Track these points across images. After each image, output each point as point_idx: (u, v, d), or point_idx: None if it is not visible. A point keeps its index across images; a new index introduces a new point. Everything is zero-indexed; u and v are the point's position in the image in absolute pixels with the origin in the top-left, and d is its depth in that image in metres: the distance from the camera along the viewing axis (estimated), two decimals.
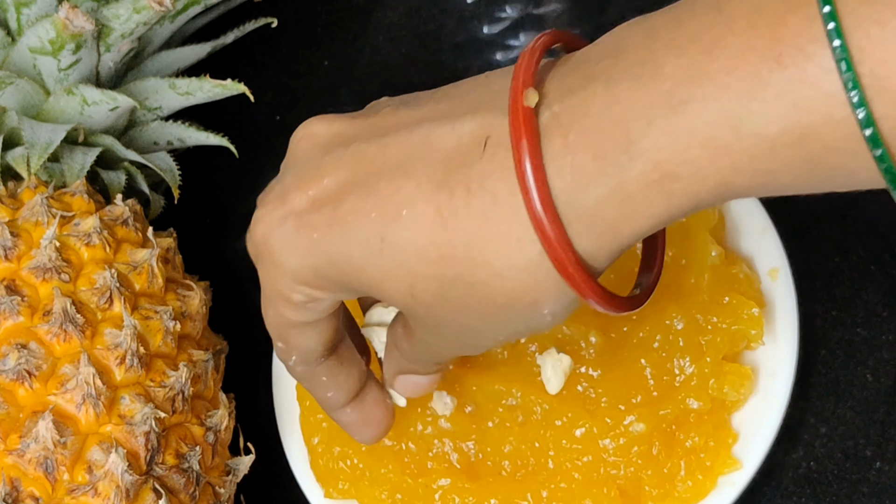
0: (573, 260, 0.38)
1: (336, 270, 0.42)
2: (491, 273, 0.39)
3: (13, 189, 0.59)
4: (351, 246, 0.41)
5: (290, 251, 0.43)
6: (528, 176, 0.37)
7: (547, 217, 0.37)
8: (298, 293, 0.44)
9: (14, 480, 0.50)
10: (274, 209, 0.43)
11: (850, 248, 0.60)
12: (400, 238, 0.40)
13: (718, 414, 0.55)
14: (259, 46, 0.71)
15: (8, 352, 0.52)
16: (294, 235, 0.42)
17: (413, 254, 0.40)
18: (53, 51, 0.57)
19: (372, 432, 0.52)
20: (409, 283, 0.41)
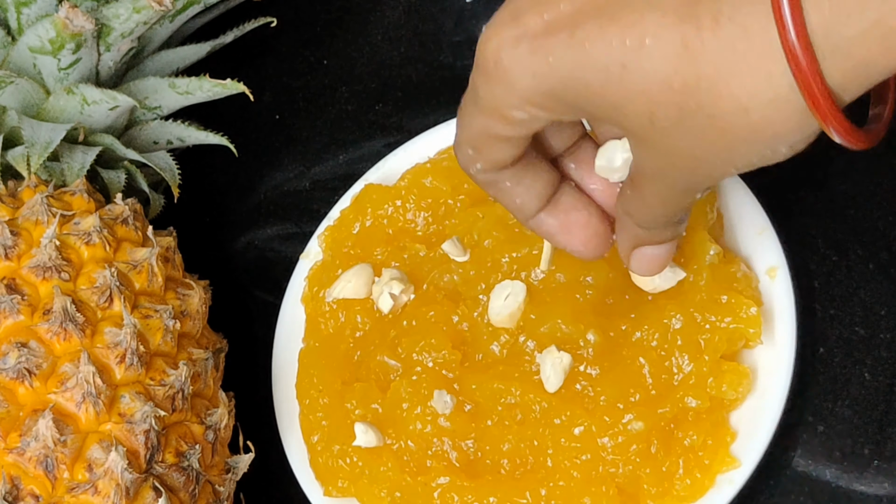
0: (826, 95, 0.38)
1: (571, 93, 0.42)
2: (736, 105, 0.39)
3: (13, 188, 0.59)
4: (589, 72, 0.41)
5: (524, 72, 0.43)
6: (784, 9, 0.37)
7: (803, 52, 0.37)
8: (522, 112, 0.44)
9: (14, 479, 0.50)
10: (507, 28, 0.43)
11: (848, 247, 0.60)
12: (642, 66, 0.40)
13: (717, 412, 0.55)
14: (259, 46, 0.71)
15: (8, 350, 0.52)
16: (529, 57, 0.42)
17: (655, 82, 0.40)
18: (53, 50, 0.57)
19: (580, 237, 0.50)
20: (649, 110, 0.41)
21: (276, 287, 0.65)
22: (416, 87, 0.72)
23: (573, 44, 0.41)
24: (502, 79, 0.44)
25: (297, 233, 0.69)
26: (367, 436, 0.56)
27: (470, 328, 0.58)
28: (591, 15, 0.41)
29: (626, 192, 0.47)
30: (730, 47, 0.38)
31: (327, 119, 0.72)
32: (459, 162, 0.48)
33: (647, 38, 0.40)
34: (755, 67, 0.38)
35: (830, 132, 0.40)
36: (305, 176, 0.71)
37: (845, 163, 0.61)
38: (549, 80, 0.42)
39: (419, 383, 0.56)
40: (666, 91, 0.40)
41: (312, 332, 0.62)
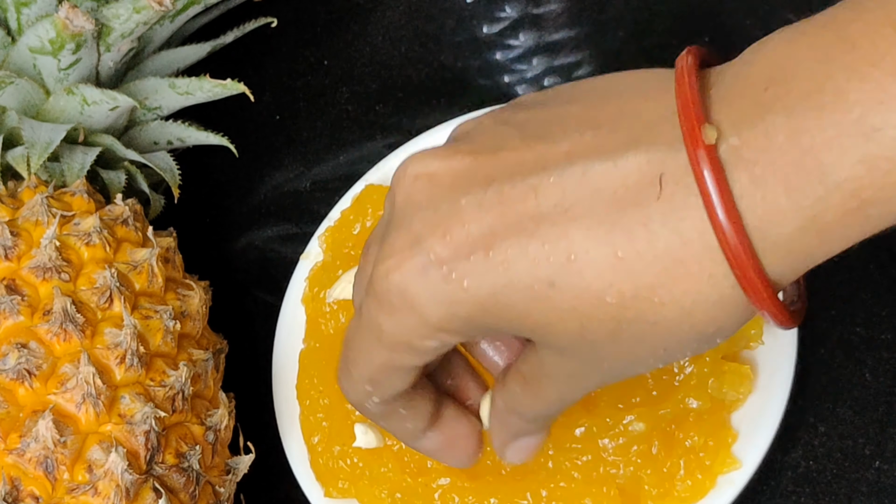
0: (768, 290, 0.38)
1: (491, 317, 0.41)
2: (678, 310, 0.38)
3: (13, 189, 0.59)
4: (511, 293, 0.40)
5: (437, 302, 0.41)
6: (719, 215, 0.37)
7: (745, 254, 0.37)
8: (435, 341, 0.42)
9: (14, 480, 0.50)
10: (409, 258, 0.41)
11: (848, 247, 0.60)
12: (572, 283, 0.39)
13: (718, 413, 0.55)
14: (259, 46, 0.71)
15: (8, 351, 0.52)
16: (441, 285, 0.40)
17: (588, 298, 0.39)
18: (53, 50, 0.57)
19: (462, 450, 0.50)
20: (581, 325, 0.40)
21: (276, 288, 0.65)
22: (417, 87, 0.72)
23: (491, 266, 0.40)
24: (412, 311, 0.41)
25: (298, 233, 0.69)
26: (367, 436, 0.56)
27: None
28: (506, 234, 0.40)
29: (515, 390, 0.46)
30: (666, 254, 0.38)
31: (327, 119, 0.72)
32: (350, 398, 0.47)
33: (572, 253, 0.39)
34: (695, 272, 0.38)
35: (768, 319, 0.39)
36: (306, 176, 0.71)
37: None
38: (466, 307, 0.41)
39: None
40: (600, 305, 0.39)
41: (313, 333, 0.62)
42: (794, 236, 0.37)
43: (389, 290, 0.42)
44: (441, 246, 0.40)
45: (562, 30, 0.71)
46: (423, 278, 0.41)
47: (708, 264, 0.38)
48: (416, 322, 0.42)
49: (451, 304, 0.41)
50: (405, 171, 0.43)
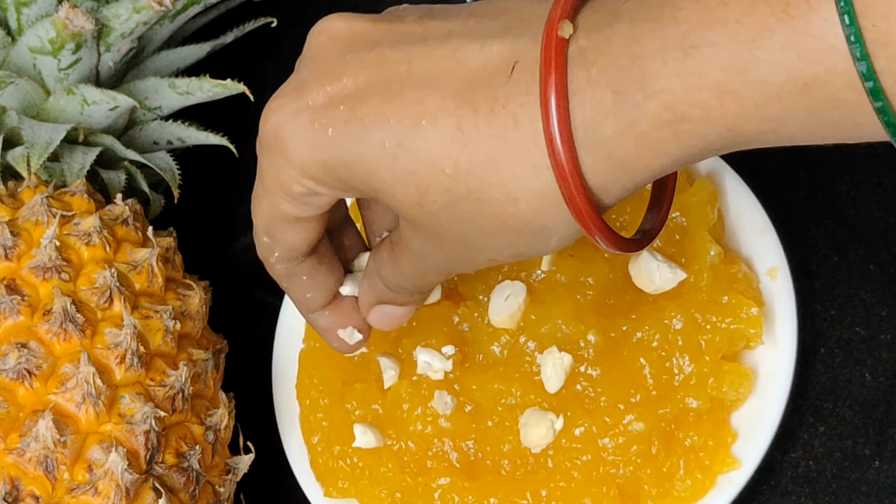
0: (582, 192, 0.39)
1: (346, 169, 0.43)
2: (504, 193, 0.40)
3: (13, 188, 0.59)
4: (365, 147, 0.42)
5: (302, 143, 0.43)
6: (551, 106, 0.38)
7: (563, 147, 0.38)
8: (301, 185, 0.44)
9: (14, 479, 0.50)
10: (289, 101, 0.44)
11: (848, 247, 0.60)
12: (417, 146, 0.41)
13: (717, 413, 0.55)
14: (259, 46, 0.71)
15: (8, 351, 0.52)
16: (308, 128, 0.43)
17: (427, 163, 0.41)
18: (53, 50, 0.57)
19: (349, 338, 0.52)
20: (420, 192, 0.41)
21: (276, 287, 0.65)
22: None
23: (353, 118, 0.42)
24: (281, 151, 0.44)
25: None
26: (367, 436, 0.56)
27: (470, 329, 0.58)
28: (374, 91, 0.42)
29: (383, 255, 0.48)
30: (501, 135, 0.40)
31: None
32: (259, 252, 0.49)
33: (424, 118, 0.41)
34: (524, 158, 0.39)
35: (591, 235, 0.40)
36: None
37: (845, 163, 0.61)
38: (327, 153, 0.43)
39: (419, 384, 0.56)
40: (437, 174, 0.41)
41: (313, 333, 0.61)
42: (614, 139, 0.38)
43: (267, 130, 0.44)
44: (317, 93, 0.43)
45: None
46: (295, 120, 0.43)
47: (534, 153, 0.39)
48: (284, 162, 0.44)
49: (315, 149, 0.43)
50: (315, 27, 0.46)
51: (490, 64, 0.40)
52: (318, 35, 0.45)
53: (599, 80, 0.38)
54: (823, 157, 0.62)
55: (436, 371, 0.56)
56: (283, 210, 0.46)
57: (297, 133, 0.43)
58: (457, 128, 0.40)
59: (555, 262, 0.56)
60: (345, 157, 0.43)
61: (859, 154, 0.62)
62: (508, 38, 0.41)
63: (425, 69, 0.41)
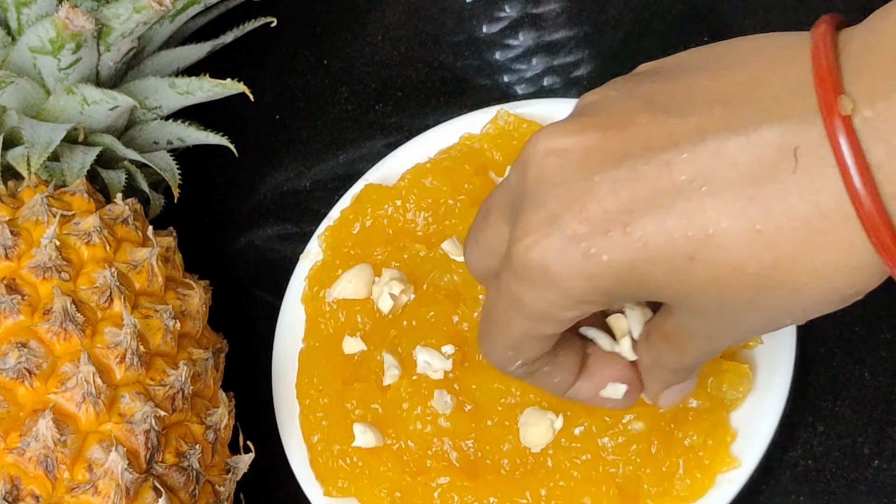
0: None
1: (630, 288, 0.42)
2: (819, 278, 0.39)
3: (13, 188, 0.59)
4: (653, 267, 0.41)
5: (578, 277, 0.42)
6: (857, 185, 0.37)
7: (882, 222, 0.38)
8: (575, 311, 0.43)
9: (14, 479, 0.50)
10: (546, 234, 0.42)
11: None
12: (711, 255, 0.40)
13: (717, 412, 0.55)
14: (259, 46, 0.71)
15: (8, 350, 0.52)
16: (580, 261, 0.41)
17: (728, 270, 0.40)
18: (53, 50, 0.57)
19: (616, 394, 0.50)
20: (721, 294, 0.40)
21: (276, 287, 0.65)
22: (416, 87, 0.72)
23: (630, 242, 0.40)
24: (553, 286, 0.42)
25: (297, 233, 0.69)
26: (366, 436, 0.56)
27: (470, 328, 0.58)
28: (643, 210, 0.40)
29: (659, 348, 0.47)
30: (805, 226, 0.38)
31: (327, 119, 0.72)
32: (493, 363, 0.48)
33: (711, 227, 0.39)
34: (836, 242, 0.39)
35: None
36: (305, 176, 0.71)
37: None
38: (606, 280, 0.41)
39: (419, 383, 0.56)
40: (739, 276, 0.40)
41: (312, 333, 0.62)
42: None
43: (529, 267, 0.42)
44: (578, 223, 0.41)
45: (561, 30, 0.71)
46: (563, 255, 0.41)
47: (846, 234, 0.38)
48: (558, 296, 0.43)
49: (592, 279, 0.42)
50: (535, 147, 0.43)
51: (764, 156, 0.39)
52: (545, 156, 0.43)
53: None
54: None
55: (436, 370, 0.56)
56: (544, 332, 0.45)
57: (569, 267, 0.41)
58: (753, 230, 0.39)
59: None
60: (629, 280, 0.41)
61: None
62: (774, 123, 0.39)
63: (691, 176, 0.40)
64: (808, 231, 0.38)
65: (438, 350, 0.57)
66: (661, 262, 0.40)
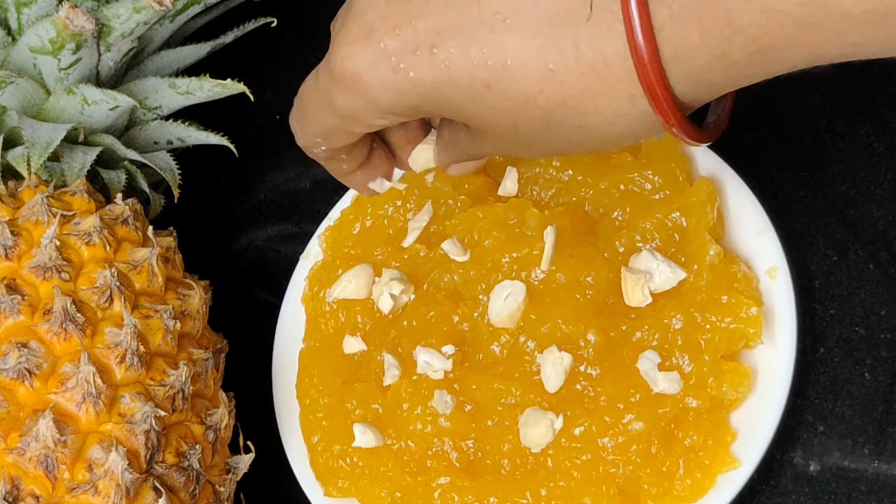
0: (678, 113, 0.42)
1: (432, 106, 0.45)
2: (602, 120, 0.43)
3: (13, 188, 0.59)
4: (452, 88, 0.44)
5: (385, 89, 0.45)
6: (639, 44, 0.40)
7: (657, 81, 0.41)
8: (383, 120, 0.47)
9: (14, 479, 0.50)
10: (362, 46, 0.45)
11: (848, 247, 0.60)
12: (507, 86, 0.43)
13: (717, 412, 0.55)
14: (259, 46, 0.71)
15: (8, 351, 0.52)
16: (390, 75, 0.44)
17: (521, 100, 0.43)
18: (54, 50, 0.57)
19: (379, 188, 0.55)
20: (513, 122, 0.44)
21: (276, 287, 0.65)
22: None
23: (435, 62, 0.44)
24: (363, 95, 0.46)
25: (298, 233, 0.69)
26: (366, 436, 0.56)
27: (470, 328, 0.58)
28: (451, 34, 0.43)
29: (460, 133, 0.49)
30: (592, 71, 0.42)
31: None
32: (299, 142, 0.52)
33: (509, 58, 0.42)
34: (618, 90, 0.42)
35: (681, 136, 0.44)
36: (306, 176, 0.71)
37: (845, 163, 0.61)
38: (412, 96, 0.45)
39: (419, 383, 0.56)
40: (531, 107, 0.43)
41: (313, 333, 0.62)
42: (704, 70, 0.41)
43: (344, 75, 0.46)
44: (391, 38, 0.44)
45: None
46: (374, 67, 0.45)
47: (628, 85, 0.42)
48: (367, 104, 0.46)
49: (399, 93, 0.45)
50: None
51: (566, 1, 0.41)
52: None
53: (683, 17, 0.40)
54: (823, 158, 0.62)
55: (436, 371, 0.56)
56: (350, 129, 0.48)
57: (379, 79, 0.45)
58: (546, 67, 0.42)
59: (554, 261, 0.57)
60: (431, 97, 0.44)
61: (859, 154, 0.62)
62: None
63: (496, 8, 0.42)
64: (594, 77, 0.42)
65: (438, 350, 0.57)
66: (460, 87, 0.44)
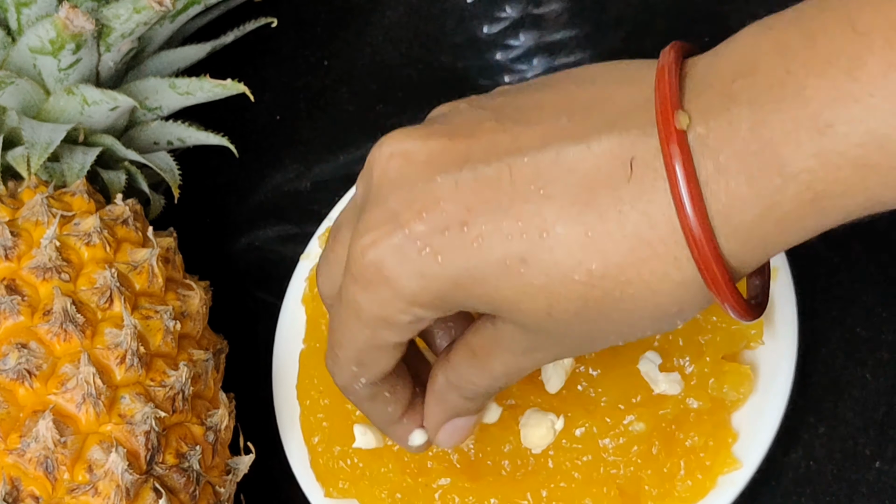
0: (727, 278, 0.39)
1: (462, 292, 0.42)
2: (645, 289, 0.40)
3: (13, 189, 0.59)
4: (483, 268, 0.41)
5: (410, 276, 0.42)
6: (685, 200, 0.38)
7: (705, 239, 0.38)
8: (410, 315, 0.43)
9: (14, 480, 0.50)
10: (385, 234, 0.42)
11: (849, 247, 0.60)
12: (543, 260, 0.40)
13: (718, 413, 0.55)
14: (259, 46, 0.71)
15: (8, 351, 0.52)
16: (416, 259, 0.42)
17: (557, 275, 0.40)
18: (53, 51, 0.57)
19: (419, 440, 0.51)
20: (550, 303, 0.41)
21: (276, 288, 0.65)
22: (417, 87, 0.72)
23: (465, 241, 0.41)
24: (386, 285, 0.42)
25: (298, 233, 0.69)
26: (366, 437, 0.56)
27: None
28: (481, 210, 0.41)
29: (460, 365, 0.47)
30: (636, 236, 0.39)
31: (328, 119, 0.72)
32: (338, 381, 0.48)
33: (545, 231, 0.40)
34: (663, 254, 0.39)
35: (726, 308, 0.41)
36: (306, 176, 0.71)
37: None
38: (439, 281, 0.42)
39: None
40: (568, 283, 0.40)
41: (313, 333, 0.62)
42: (754, 223, 0.38)
43: (366, 267, 0.43)
44: (417, 222, 0.42)
45: (562, 30, 0.71)
46: (399, 253, 0.42)
47: (673, 247, 0.39)
48: (392, 296, 0.43)
49: (425, 278, 0.42)
50: (381, 150, 0.44)
51: (602, 164, 0.39)
52: (390, 158, 0.43)
53: (730, 168, 0.38)
54: None
55: None
56: (384, 340, 0.45)
57: (404, 266, 0.42)
58: (585, 235, 0.39)
59: None
60: (460, 281, 0.41)
61: None
62: (614, 134, 0.40)
63: (530, 179, 0.40)
64: (637, 240, 0.39)
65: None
66: (493, 264, 0.41)
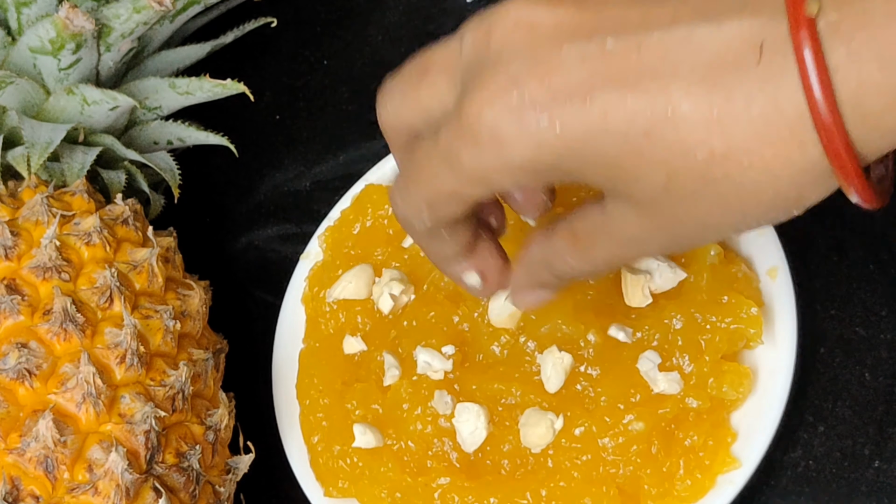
0: (854, 163, 0.39)
1: (577, 161, 0.41)
2: (767, 174, 0.39)
3: (13, 188, 0.59)
4: (605, 140, 0.40)
5: (525, 143, 0.41)
6: (814, 86, 0.38)
7: (834, 125, 0.38)
8: (510, 180, 0.43)
9: (14, 479, 0.50)
10: (503, 95, 0.41)
11: (848, 247, 0.60)
12: (666, 135, 0.40)
13: (717, 413, 0.55)
14: (259, 46, 0.71)
15: (8, 351, 0.52)
16: (533, 125, 0.41)
17: (679, 151, 0.40)
18: (53, 50, 0.57)
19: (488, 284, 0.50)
20: (668, 178, 0.40)
21: (276, 287, 0.65)
22: None
23: (588, 112, 0.40)
24: (498, 150, 0.42)
25: (298, 233, 0.69)
26: (366, 436, 0.56)
27: (470, 329, 0.58)
28: (607, 82, 0.40)
29: (560, 246, 0.46)
30: (762, 119, 0.39)
31: (327, 119, 0.72)
32: (398, 212, 0.47)
33: (672, 108, 0.39)
34: (788, 138, 0.39)
35: (851, 194, 0.40)
36: (306, 176, 0.71)
37: None
38: (555, 150, 0.41)
39: (419, 384, 0.56)
40: (689, 160, 0.40)
41: (313, 333, 0.62)
42: (885, 111, 0.38)
43: (480, 125, 0.42)
44: (539, 89, 0.41)
45: None
46: (517, 119, 0.41)
47: (799, 131, 0.38)
48: (500, 160, 0.42)
49: (540, 147, 0.41)
50: (507, 15, 0.43)
51: (732, 46, 0.39)
52: (515, 26, 0.42)
53: (862, 54, 0.37)
54: None
55: (436, 371, 0.56)
56: (469, 195, 0.44)
57: (521, 131, 0.41)
58: (710, 115, 0.39)
59: None
60: (578, 151, 0.41)
61: None
62: (745, 16, 0.39)
63: (658, 57, 0.40)
64: (763, 123, 0.39)
65: (438, 350, 0.57)
66: (616, 135, 0.40)
